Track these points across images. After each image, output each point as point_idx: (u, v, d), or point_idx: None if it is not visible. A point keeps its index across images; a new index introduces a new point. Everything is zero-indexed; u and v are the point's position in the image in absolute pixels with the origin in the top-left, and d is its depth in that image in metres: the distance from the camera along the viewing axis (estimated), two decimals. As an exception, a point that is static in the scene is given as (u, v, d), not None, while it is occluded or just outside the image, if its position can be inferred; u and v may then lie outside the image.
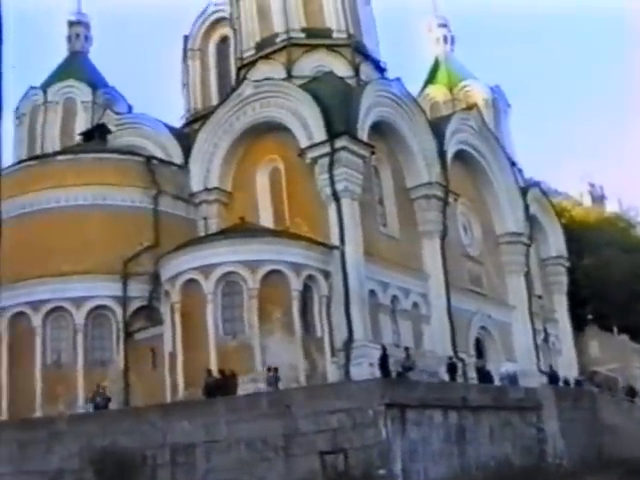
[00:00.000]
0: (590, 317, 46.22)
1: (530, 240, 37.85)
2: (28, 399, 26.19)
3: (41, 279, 26.99)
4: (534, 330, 36.76)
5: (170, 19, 77.10)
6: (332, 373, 25.69)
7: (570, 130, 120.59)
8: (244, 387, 22.18)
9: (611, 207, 73.01)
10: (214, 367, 23.35)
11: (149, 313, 27.81)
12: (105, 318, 27.59)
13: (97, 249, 27.42)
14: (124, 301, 27.57)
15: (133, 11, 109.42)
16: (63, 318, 27.32)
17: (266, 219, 29.41)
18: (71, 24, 47.06)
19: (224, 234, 27.41)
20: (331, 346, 26.26)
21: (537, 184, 44.00)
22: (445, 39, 49.40)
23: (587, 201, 75.21)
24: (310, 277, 26.27)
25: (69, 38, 46.89)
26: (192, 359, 24.95)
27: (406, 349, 26.33)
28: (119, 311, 27.53)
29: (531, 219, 38.54)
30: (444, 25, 49.84)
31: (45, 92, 43.30)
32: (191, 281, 25.66)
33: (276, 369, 22.17)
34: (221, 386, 21.29)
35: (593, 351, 45.72)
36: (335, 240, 27.24)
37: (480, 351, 33.47)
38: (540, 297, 39.47)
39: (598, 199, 78.98)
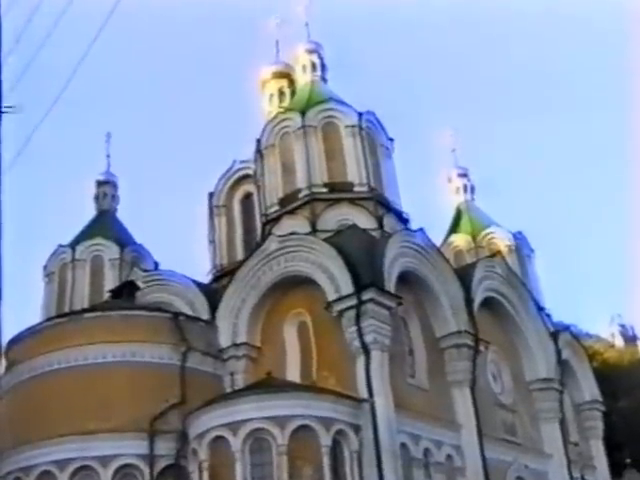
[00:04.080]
0: (628, 461, 45.00)
1: (562, 385, 37.15)
2: None
3: (67, 437, 26.63)
4: (572, 479, 35.57)
5: (194, 177, 79.50)
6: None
7: (597, 270, 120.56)
8: None
9: (643, 347, 72.46)
10: (244, 528, 22.78)
11: (177, 472, 27.16)
12: (132, 477, 26.98)
13: (124, 406, 27.20)
14: (151, 460, 26.98)
15: (160, 169, 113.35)
16: (90, 477, 26.74)
17: (293, 373, 29.20)
18: (99, 184, 48.30)
19: (251, 390, 27.17)
20: (365, 503, 25.44)
21: (567, 328, 43.67)
22: (465, 188, 50.27)
23: (619, 342, 74.59)
24: (340, 432, 25.77)
25: (97, 197, 48.06)
26: (221, 519, 24.30)
27: (442, 504, 25.60)
28: (146, 470, 26.91)
29: (563, 364, 38.00)
30: (464, 175, 50.77)
31: (74, 250, 44.07)
32: (219, 438, 25.26)
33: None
34: None
35: (634, 496, 44.36)
36: (363, 393, 26.87)
37: (518, 503, 32.43)
38: (577, 444, 38.55)
39: (630, 340, 78.30)
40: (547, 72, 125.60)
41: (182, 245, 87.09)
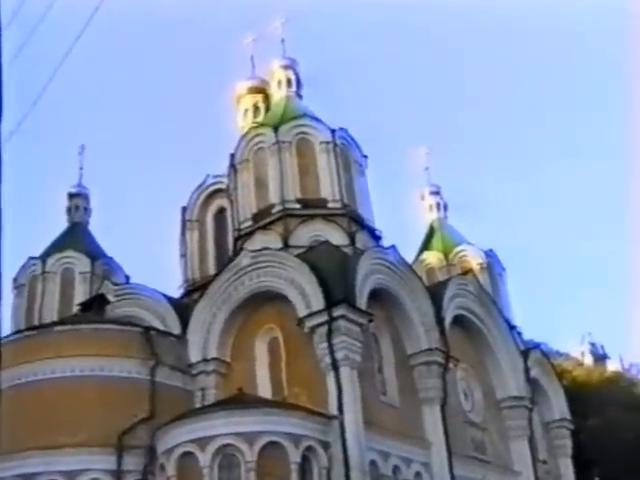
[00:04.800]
0: (597, 479, 45.25)
1: (532, 404, 37.32)
2: None
3: (34, 451, 26.30)
4: (541, 497, 35.78)
5: (167, 191, 79.39)
6: None
7: (568, 289, 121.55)
8: None
9: (612, 366, 72.89)
10: None
11: (144, 488, 27.05)
12: (99, 492, 26.81)
13: (93, 421, 26.93)
14: (118, 475, 26.68)
15: (133, 182, 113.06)
16: (55, 493, 26.55)
17: (264, 389, 29.05)
18: (71, 196, 47.92)
19: (221, 405, 27.03)
20: (332, 521, 25.36)
21: (537, 346, 43.86)
22: (438, 206, 50.37)
23: (589, 360, 75.13)
24: (309, 448, 25.69)
25: (69, 210, 47.67)
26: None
27: (409, 522, 25.53)
28: (113, 485, 26.79)
29: (532, 382, 38.16)
30: (437, 193, 50.88)
31: (44, 262, 43.68)
32: (187, 454, 25.10)
33: None
34: None
35: (602, 513, 44.59)
36: (334, 410, 26.79)
37: (486, 522, 32.47)
38: (545, 462, 38.70)
39: (600, 358, 78.86)
40: (521, 91, 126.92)
41: (154, 259, 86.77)
